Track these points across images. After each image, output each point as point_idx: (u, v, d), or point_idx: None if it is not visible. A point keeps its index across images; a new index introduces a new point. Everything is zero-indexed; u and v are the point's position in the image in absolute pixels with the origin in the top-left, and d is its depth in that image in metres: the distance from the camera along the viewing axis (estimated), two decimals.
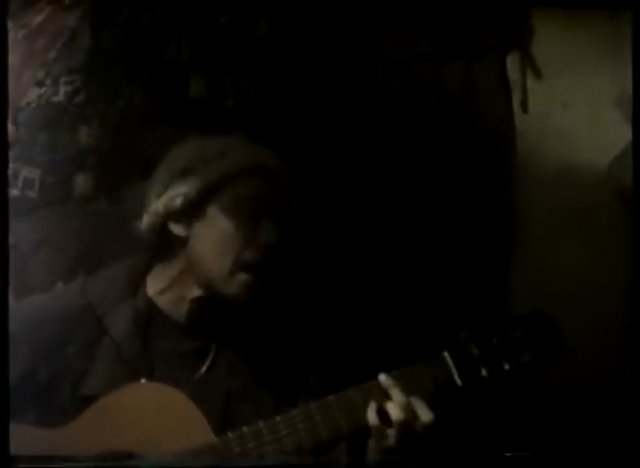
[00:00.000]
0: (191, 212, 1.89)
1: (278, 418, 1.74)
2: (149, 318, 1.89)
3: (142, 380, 1.81)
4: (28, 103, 2.23)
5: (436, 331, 2.16)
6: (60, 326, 1.84)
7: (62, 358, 1.82)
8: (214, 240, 1.89)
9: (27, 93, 2.23)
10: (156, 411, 1.77)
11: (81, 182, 2.22)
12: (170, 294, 1.90)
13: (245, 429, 1.73)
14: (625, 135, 2.50)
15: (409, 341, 2.27)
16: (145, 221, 1.92)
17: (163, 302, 1.91)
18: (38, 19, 2.27)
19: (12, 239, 2.05)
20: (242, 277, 1.87)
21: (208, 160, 1.90)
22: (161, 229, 1.91)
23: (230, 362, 1.91)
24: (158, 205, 1.89)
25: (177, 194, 1.88)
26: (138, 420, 1.75)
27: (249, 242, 1.87)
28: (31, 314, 1.90)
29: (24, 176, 2.20)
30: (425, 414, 1.71)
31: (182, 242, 1.90)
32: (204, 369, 1.89)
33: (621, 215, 2.50)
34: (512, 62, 2.55)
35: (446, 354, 1.77)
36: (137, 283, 1.92)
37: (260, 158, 1.93)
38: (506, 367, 1.77)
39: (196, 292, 1.89)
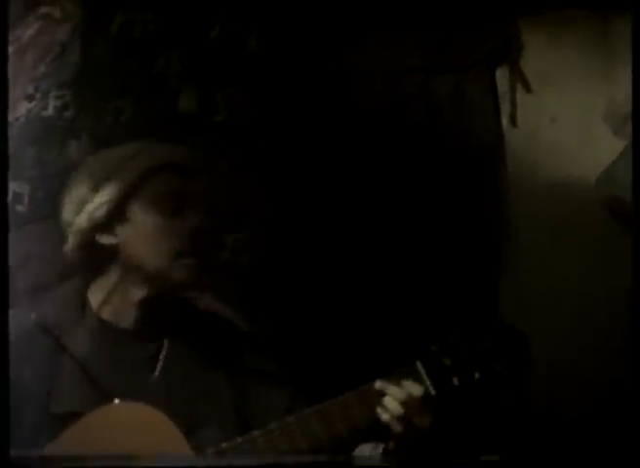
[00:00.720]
0: (115, 217, 1.89)
1: (272, 426, 1.75)
2: (101, 332, 1.91)
3: (116, 401, 1.81)
4: (17, 118, 2.23)
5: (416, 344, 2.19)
6: (18, 346, 1.85)
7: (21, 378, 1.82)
8: (144, 238, 1.90)
9: (17, 107, 2.23)
10: (135, 432, 1.76)
11: None
12: (111, 305, 1.92)
13: (240, 439, 1.74)
14: (614, 148, 2.52)
15: (387, 352, 2.28)
16: (71, 242, 1.92)
17: (107, 314, 1.92)
18: (29, 33, 2.27)
19: None
20: (182, 261, 1.88)
21: (120, 166, 1.91)
22: (89, 244, 1.91)
23: (184, 359, 1.92)
24: (81, 221, 1.90)
25: (98, 204, 1.89)
26: (117, 441, 1.75)
27: (179, 230, 1.89)
28: None
29: (14, 191, 2.19)
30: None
31: (114, 250, 1.91)
32: (158, 370, 1.91)
33: (610, 228, 2.51)
34: (501, 76, 2.57)
35: (419, 364, 1.81)
36: (83, 301, 1.94)
37: (170, 156, 1.94)
38: (477, 375, 1.81)
39: (140, 293, 1.90)
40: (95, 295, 1.93)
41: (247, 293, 2.29)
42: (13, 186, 2.20)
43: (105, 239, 1.90)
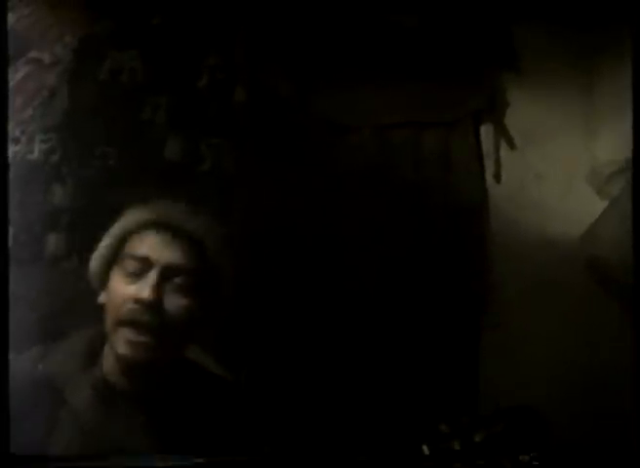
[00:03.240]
0: (104, 278, 1.99)
1: None
2: (107, 388, 1.90)
3: None
4: None
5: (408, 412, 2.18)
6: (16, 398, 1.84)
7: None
8: (109, 303, 1.96)
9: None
10: None
11: (53, 241, 2.20)
12: (107, 361, 1.92)
13: None
14: (597, 208, 2.53)
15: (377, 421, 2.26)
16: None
17: (106, 368, 1.92)
18: (17, 76, 2.27)
19: None
20: (124, 334, 1.88)
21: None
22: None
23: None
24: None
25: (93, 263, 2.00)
26: None
27: (129, 298, 1.92)
28: None
29: None
30: None
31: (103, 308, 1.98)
32: None
33: (593, 288, 2.52)
34: (486, 133, 2.59)
35: (425, 448, 1.77)
36: (95, 353, 1.92)
37: (154, 215, 2.03)
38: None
39: (121, 349, 1.91)
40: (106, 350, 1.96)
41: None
42: None
43: (101, 298, 1.99)
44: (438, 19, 2.61)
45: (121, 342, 1.91)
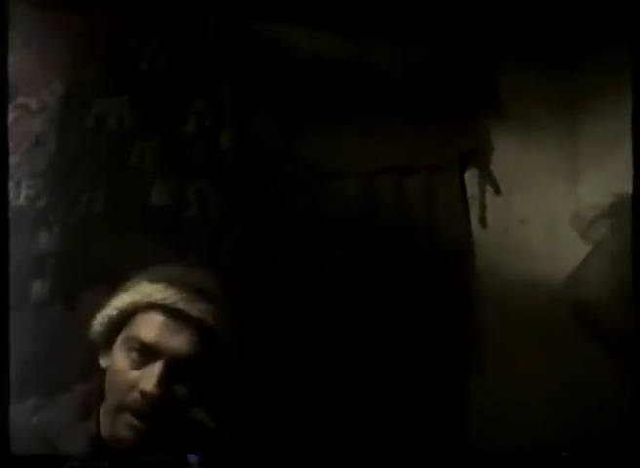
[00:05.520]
0: (106, 342, 1.96)
1: None
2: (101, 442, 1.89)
3: None
4: None
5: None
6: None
7: None
8: (111, 376, 1.93)
9: None
10: None
11: (38, 287, 2.19)
12: (104, 420, 1.91)
13: None
14: (580, 251, 2.55)
15: None
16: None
17: (105, 430, 1.91)
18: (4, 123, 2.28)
19: None
20: (126, 419, 1.87)
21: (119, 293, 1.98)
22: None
23: None
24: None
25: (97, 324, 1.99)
26: None
27: (133, 385, 1.90)
28: None
29: None
30: None
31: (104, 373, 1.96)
32: None
33: (576, 328, 2.53)
34: (471, 178, 2.61)
35: None
36: (90, 409, 1.91)
37: (169, 297, 1.97)
38: None
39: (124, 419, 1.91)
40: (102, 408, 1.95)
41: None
42: None
43: (103, 361, 1.97)
44: (423, 66, 2.65)
45: (121, 426, 1.88)
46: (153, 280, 1.99)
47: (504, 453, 2.33)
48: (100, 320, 1.95)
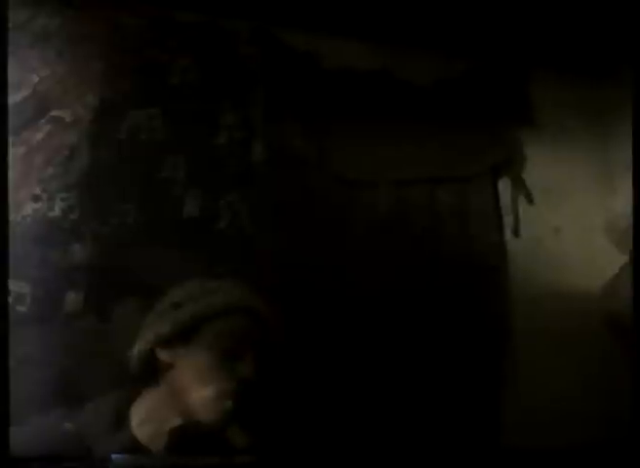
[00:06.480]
0: (178, 339, 1.95)
1: None
2: (132, 452, 1.89)
3: None
4: (24, 217, 2.24)
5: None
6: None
7: None
8: (196, 370, 1.95)
9: (24, 207, 2.25)
10: None
11: (71, 299, 2.21)
12: (148, 427, 1.92)
13: None
14: (615, 261, 2.52)
15: None
16: (135, 350, 1.99)
17: (142, 435, 1.91)
18: (38, 136, 2.30)
19: None
20: (221, 405, 1.90)
21: (198, 297, 1.99)
22: (148, 357, 1.97)
23: None
24: (149, 333, 1.98)
25: (166, 321, 1.97)
26: None
27: (229, 375, 1.93)
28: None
29: (15, 291, 2.19)
30: None
31: (167, 368, 1.96)
32: None
33: (609, 341, 2.50)
34: (504, 188, 2.59)
35: None
36: (122, 415, 1.93)
37: (246, 300, 2.02)
38: None
39: (175, 421, 1.92)
40: (138, 412, 1.96)
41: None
42: (14, 286, 2.19)
43: (164, 355, 1.97)
44: (455, 77, 2.64)
45: (214, 412, 1.92)
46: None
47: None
48: (173, 319, 1.99)
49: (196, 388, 1.92)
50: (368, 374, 2.35)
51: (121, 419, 1.92)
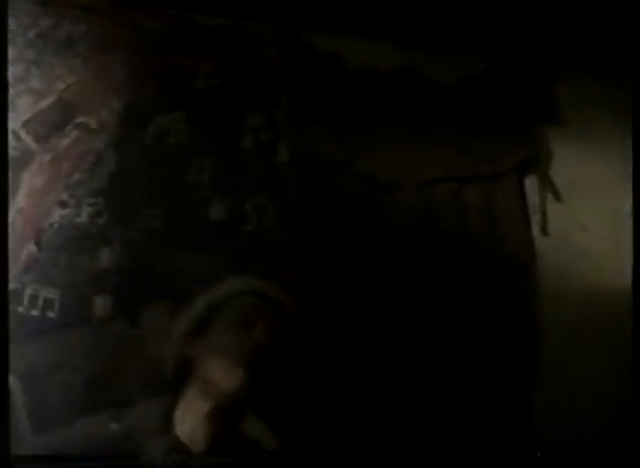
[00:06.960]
0: (196, 333, 2.06)
1: None
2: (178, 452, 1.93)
3: None
4: (51, 224, 2.25)
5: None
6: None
7: None
8: (217, 355, 2.04)
9: (51, 214, 2.26)
10: None
11: (100, 304, 2.22)
12: (186, 423, 1.95)
13: None
14: None
15: None
16: (167, 351, 2.08)
17: (183, 434, 1.94)
18: (64, 142, 2.31)
19: (27, 361, 2.10)
20: (239, 372, 1.99)
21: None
22: (177, 357, 2.06)
23: None
24: (174, 335, 2.09)
25: (182, 319, 2.10)
26: None
27: (243, 341, 2.04)
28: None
29: (44, 297, 2.20)
30: None
31: (193, 362, 2.05)
32: None
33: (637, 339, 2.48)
34: (531, 185, 2.58)
35: None
36: (168, 418, 1.98)
37: (255, 285, 2.18)
38: None
39: (206, 406, 2.00)
40: (179, 414, 2.02)
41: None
42: (44, 292, 2.21)
43: (188, 350, 2.05)
44: (480, 76, 2.63)
45: (237, 380, 1.99)
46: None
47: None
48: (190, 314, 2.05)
49: (218, 368, 1.99)
50: (400, 374, 2.35)
51: (167, 422, 1.97)
